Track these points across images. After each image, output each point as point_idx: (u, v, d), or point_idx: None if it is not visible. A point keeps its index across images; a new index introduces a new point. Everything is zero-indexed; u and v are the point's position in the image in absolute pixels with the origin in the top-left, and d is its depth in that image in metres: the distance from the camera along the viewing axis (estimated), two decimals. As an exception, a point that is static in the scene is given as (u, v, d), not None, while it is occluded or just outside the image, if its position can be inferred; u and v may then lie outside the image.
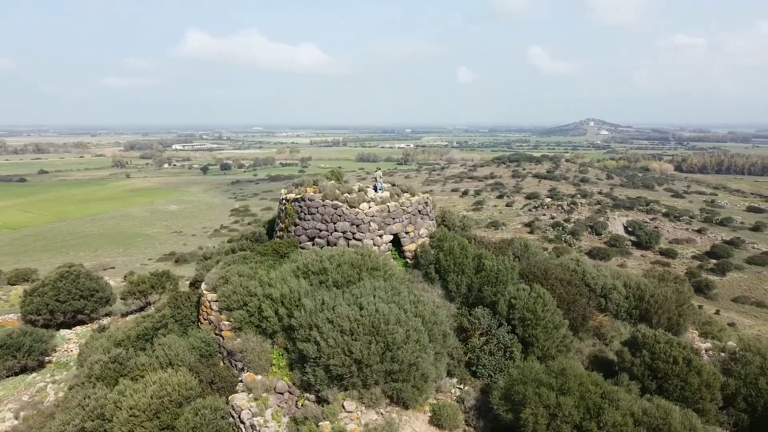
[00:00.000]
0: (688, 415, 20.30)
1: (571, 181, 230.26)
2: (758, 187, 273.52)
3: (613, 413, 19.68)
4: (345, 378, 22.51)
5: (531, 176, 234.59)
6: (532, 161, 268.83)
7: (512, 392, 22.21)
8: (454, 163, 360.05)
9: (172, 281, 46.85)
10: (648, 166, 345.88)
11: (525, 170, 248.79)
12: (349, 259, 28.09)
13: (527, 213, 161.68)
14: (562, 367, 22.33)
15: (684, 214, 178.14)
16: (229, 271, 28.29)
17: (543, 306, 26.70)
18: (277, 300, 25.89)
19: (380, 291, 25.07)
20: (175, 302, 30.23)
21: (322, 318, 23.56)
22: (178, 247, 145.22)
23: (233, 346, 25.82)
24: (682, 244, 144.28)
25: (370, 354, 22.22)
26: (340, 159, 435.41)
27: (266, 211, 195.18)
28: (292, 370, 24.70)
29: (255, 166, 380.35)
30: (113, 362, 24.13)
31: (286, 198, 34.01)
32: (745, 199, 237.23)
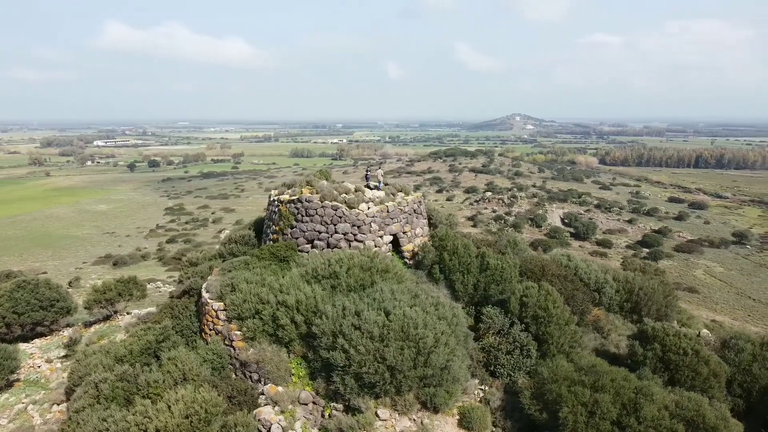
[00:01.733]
0: (718, 406, 21.07)
1: (506, 174, 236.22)
2: (676, 178, 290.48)
3: (650, 408, 20.15)
4: (377, 385, 21.95)
5: (467, 170, 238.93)
6: (467, 156, 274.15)
7: (544, 391, 22.35)
8: (389, 158, 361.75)
9: (139, 287, 44.31)
10: (574, 160, 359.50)
11: (461, 165, 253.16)
12: (359, 262, 27.40)
13: (469, 207, 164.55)
14: (591, 364, 22.69)
15: (614, 206, 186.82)
16: (234, 278, 26.93)
17: (553, 303, 27.04)
18: (292, 307, 24.88)
19: (399, 294, 24.60)
20: (171, 312, 28.48)
21: (347, 324, 22.83)
22: (113, 249, 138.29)
23: (247, 357, 24.62)
24: (616, 234, 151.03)
25: (404, 360, 21.75)
26: (273, 155, 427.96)
27: (203, 210, 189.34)
28: (313, 379, 23.85)
29: (185, 163, 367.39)
30: (121, 380, 22.39)
31: (279, 199, 32.80)
32: (665, 190, 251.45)
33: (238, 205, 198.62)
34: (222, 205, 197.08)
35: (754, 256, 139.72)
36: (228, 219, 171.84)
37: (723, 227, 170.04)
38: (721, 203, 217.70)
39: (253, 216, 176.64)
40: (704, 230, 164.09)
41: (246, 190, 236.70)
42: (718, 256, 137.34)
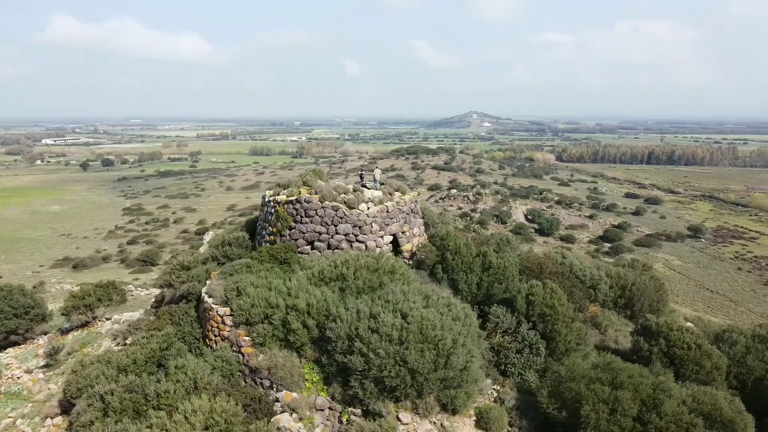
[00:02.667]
0: (732, 400, 21.59)
1: (467, 172, 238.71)
2: (630, 174, 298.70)
3: (671, 403, 20.47)
4: (398, 389, 21.63)
5: (430, 168, 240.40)
6: (429, 153, 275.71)
7: (562, 390, 22.46)
8: (350, 155, 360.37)
9: (118, 292, 42.75)
10: (532, 157, 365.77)
11: (424, 162, 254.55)
12: (365, 264, 27.00)
13: (434, 204, 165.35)
14: (607, 362, 22.93)
15: (574, 202, 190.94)
16: (239, 282, 26.11)
17: (559, 301, 27.25)
18: (303, 311, 24.29)
19: (411, 296, 24.32)
20: (171, 318, 27.39)
21: (364, 328, 22.43)
22: (71, 251, 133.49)
23: (258, 363, 23.92)
24: (578, 229, 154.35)
25: (424, 362, 21.50)
26: (232, 153, 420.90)
27: (163, 209, 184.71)
28: (328, 384, 23.36)
29: (141, 162, 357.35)
30: (129, 392, 21.36)
31: (276, 200, 32.03)
32: (621, 186, 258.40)
33: (200, 204, 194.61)
34: (183, 204, 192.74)
35: (708, 249, 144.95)
36: (190, 219, 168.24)
37: (678, 221, 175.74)
38: (674, 198, 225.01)
39: (217, 216, 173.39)
40: (661, 225, 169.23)
41: (207, 189, 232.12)
42: (676, 249, 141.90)
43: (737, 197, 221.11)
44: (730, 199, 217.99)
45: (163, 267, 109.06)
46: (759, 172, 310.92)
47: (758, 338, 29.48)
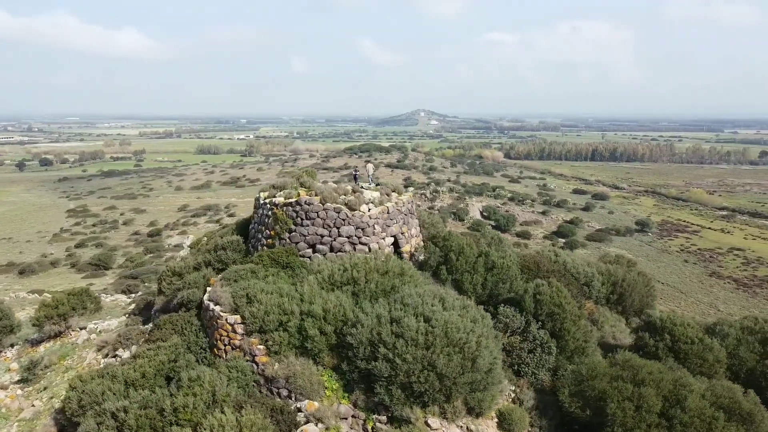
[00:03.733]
0: (747, 392, 22.27)
1: (421, 170, 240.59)
2: (576, 171, 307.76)
3: (695, 399, 20.94)
4: (426, 394, 21.28)
5: (383, 166, 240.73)
6: (382, 151, 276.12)
7: (584, 388, 22.64)
8: (300, 154, 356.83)
9: (93, 300, 40.67)
10: (481, 154, 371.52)
11: (377, 160, 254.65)
12: (374, 267, 26.51)
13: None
14: (626, 359, 23.26)
15: (526, 198, 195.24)
16: (248, 288, 25.10)
17: (565, 299, 27.51)
18: (319, 317, 23.58)
19: (428, 299, 24.01)
20: (173, 327, 26.02)
21: (387, 332, 21.96)
22: (14, 256, 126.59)
23: (274, 373, 23.05)
24: (532, 225, 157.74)
25: (452, 366, 21.23)
26: (178, 152, 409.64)
27: (110, 211, 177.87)
28: (349, 391, 22.77)
29: (82, 161, 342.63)
30: (144, 408, 20.13)
31: (273, 202, 31.03)
32: (568, 183, 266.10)
33: (149, 205, 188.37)
34: (131, 205, 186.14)
35: (656, 242, 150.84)
36: (140, 220, 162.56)
37: (625, 216, 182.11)
38: (619, 194, 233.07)
39: (169, 217, 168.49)
40: (609, 220, 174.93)
41: (155, 189, 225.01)
42: (625, 243, 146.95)
43: (678, 192, 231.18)
44: (671, 194, 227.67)
45: (119, 271, 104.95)
46: (695, 168, 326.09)
47: (747, 330, 30.60)
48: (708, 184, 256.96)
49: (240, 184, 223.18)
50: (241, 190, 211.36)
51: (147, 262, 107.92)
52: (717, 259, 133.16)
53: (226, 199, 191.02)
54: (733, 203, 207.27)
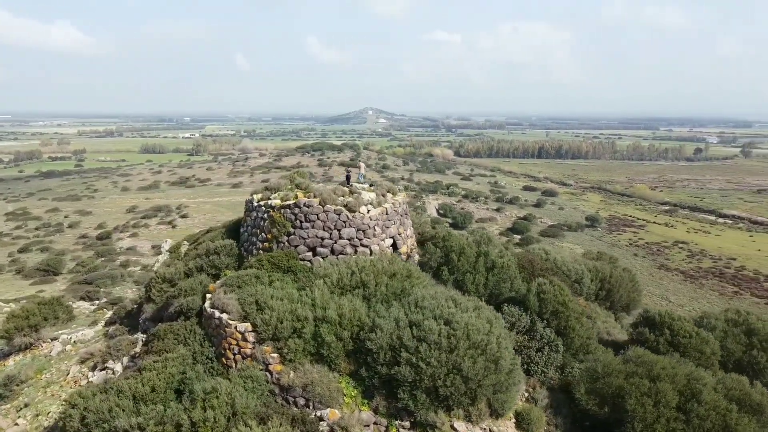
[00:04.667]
0: (754, 384, 23.05)
1: (374, 168, 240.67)
2: (524, 168, 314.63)
3: (709, 392, 21.52)
4: (451, 398, 21.05)
5: (337, 165, 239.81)
6: (334, 150, 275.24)
7: (601, 386, 22.91)
8: (250, 153, 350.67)
9: (65, 309, 38.57)
10: (431, 152, 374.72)
11: (330, 159, 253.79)
12: (382, 269, 26.07)
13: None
14: (638, 355, 23.67)
15: (480, 196, 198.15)
16: (258, 294, 24.16)
17: (568, 297, 27.84)
18: (334, 322, 22.97)
19: (442, 301, 23.79)
20: (176, 337, 24.73)
21: (408, 337, 21.61)
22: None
23: (291, 381, 22.30)
24: (487, 222, 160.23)
25: (478, 368, 21.08)
26: (121, 151, 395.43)
27: (53, 213, 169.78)
28: (368, 397, 22.28)
29: (17, 161, 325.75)
30: (160, 424, 18.98)
31: (269, 204, 30.10)
32: (518, 180, 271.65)
33: (95, 206, 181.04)
34: (75, 207, 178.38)
35: (606, 237, 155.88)
36: (87, 223, 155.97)
37: (575, 212, 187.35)
38: (567, 190, 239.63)
39: (117, 219, 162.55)
40: (560, 216, 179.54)
41: (100, 190, 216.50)
42: (577, 238, 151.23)
43: (622, 188, 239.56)
44: (616, 190, 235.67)
45: (70, 276, 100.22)
46: (636, 165, 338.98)
47: (731, 322, 31.82)
48: (649, 180, 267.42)
49: (190, 184, 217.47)
50: (191, 191, 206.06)
51: (100, 266, 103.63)
52: (664, 252, 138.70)
53: (177, 199, 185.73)
54: (674, 198, 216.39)
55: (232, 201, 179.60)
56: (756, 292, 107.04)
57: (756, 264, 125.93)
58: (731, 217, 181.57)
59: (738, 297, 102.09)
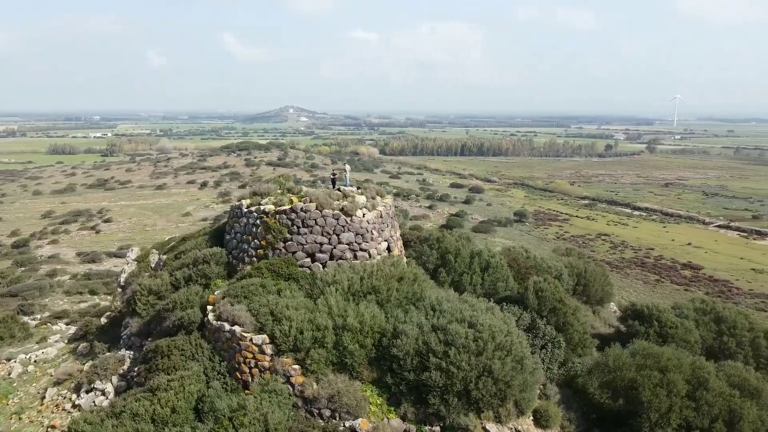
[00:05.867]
0: (749, 369, 24.67)
1: (303, 167, 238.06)
2: (449, 165, 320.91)
3: (717, 381, 22.84)
4: (482, 400, 21.16)
5: (265, 164, 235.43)
6: (261, 149, 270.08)
7: (613, 379, 23.76)
8: (169, 152, 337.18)
9: (21, 327, 35.68)
10: (357, 151, 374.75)
11: (257, 158, 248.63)
12: (389, 273, 25.82)
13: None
14: (643, 348, 24.73)
15: (411, 193, 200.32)
16: (272, 304, 23.20)
17: (563, 294, 28.71)
18: (355, 330, 22.51)
19: (459, 304, 23.89)
20: (182, 353, 23.20)
21: (435, 341, 21.53)
22: None
23: (315, 393, 21.62)
24: (422, 219, 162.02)
25: (506, 369, 21.32)
26: (26, 152, 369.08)
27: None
28: (394, 404, 22.00)
29: None
30: (191, 447, 17.82)
31: (262, 210, 29.02)
32: (444, 177, 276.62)
33: (4, 212, 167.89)
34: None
35: (534, 231, 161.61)
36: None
37: (502, 208, 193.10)
38: (492, 187, 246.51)
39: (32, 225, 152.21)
40: (489, 211, 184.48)
41: (8, 194, 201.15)
42: (508, 233, 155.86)
43: (544, 184, 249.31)
44: (538, 186, 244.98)
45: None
46: (553, 161, 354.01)
47: (700, 311, 33.93)
48: (567, 176, 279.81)
49: (109, 186, 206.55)
50: (112, 193, 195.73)
51: (23, 276, 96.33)
52: (589, 244, 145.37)
53: (97, 203, 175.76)
54: (591, 192, 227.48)
55: (157, 204, 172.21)
56: (675, 280, 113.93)
57: (672, 253, 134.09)
58: (645, 209, 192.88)
59: (660, 285, 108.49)
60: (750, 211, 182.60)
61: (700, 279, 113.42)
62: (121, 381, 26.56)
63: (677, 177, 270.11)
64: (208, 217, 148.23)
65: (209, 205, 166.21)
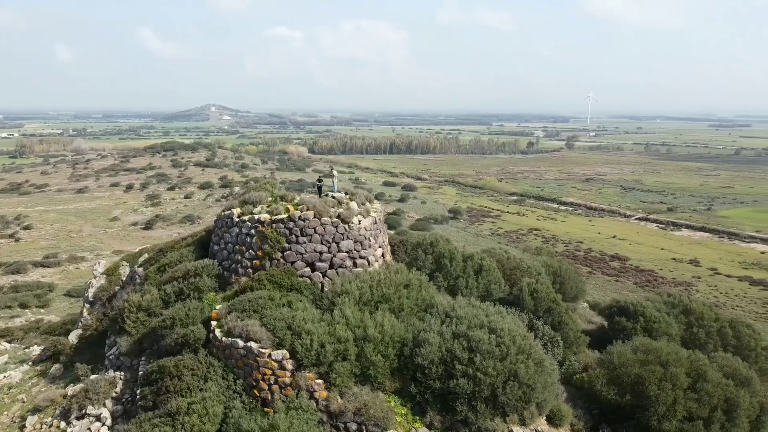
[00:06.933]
0: (736, 359, 26.35)
1: (233, 167, 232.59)
2: (379, 164, 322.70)
3: (714, 372, 24.26)
4: (508, 404, 21.47)
5: (192, 165, 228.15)
6: (188, 149, 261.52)
7: (619, 375, 24.72)
8: (86, 153, 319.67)
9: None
10: (285, 150, 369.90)
11: (184, 159, 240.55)
12: (397, 281, 25.67)
13: (218, 203, 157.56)
14: (642, 344, 25.88)
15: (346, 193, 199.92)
16: (288, 318, 22.43)
17: (555, 293, 29.59)
18: (377, 340, 22.22)
19: (473, 309, 24.12)
20: (194, 373, 21.84)
21: (459, 348, 21.65)
22: None
23: (341, 407, 21.14)
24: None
25: (530, 373, 21.74)
26: None
27: None
28: (419, 413, 21.90)
29: None
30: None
31: (257, 219, 28.04)
32: (376, 176, 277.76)
33: None
34: None
35: (469, 227, 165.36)
36: None
37: (436, 205, 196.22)
38: (424, 184, 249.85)
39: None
40: (424, 209, 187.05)
41: None
42: (445, 230, 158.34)
43: (473, 181, 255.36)
44: (468, 183, 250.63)
45: None
46: (479, 158, 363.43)
47: (669, 304, 35.91)
48: (494, 173, 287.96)
49: (24, 190, 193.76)
50: (28, 198, 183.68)
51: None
52: (522, 239, 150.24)
53: (12, 208, 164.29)
54: (519, 189, 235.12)
55: (81, 208, 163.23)
56: (605, 271, 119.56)
57: (600, 246, 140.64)
58: (570, 204, 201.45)
59: (592, 276, 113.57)
60: (665, 203, 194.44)
61: (627, 270, 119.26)
62: (117, 405, 24.96)
63: (596, 172, 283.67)
64: (139, 221, 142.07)
65: (138, 208, 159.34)
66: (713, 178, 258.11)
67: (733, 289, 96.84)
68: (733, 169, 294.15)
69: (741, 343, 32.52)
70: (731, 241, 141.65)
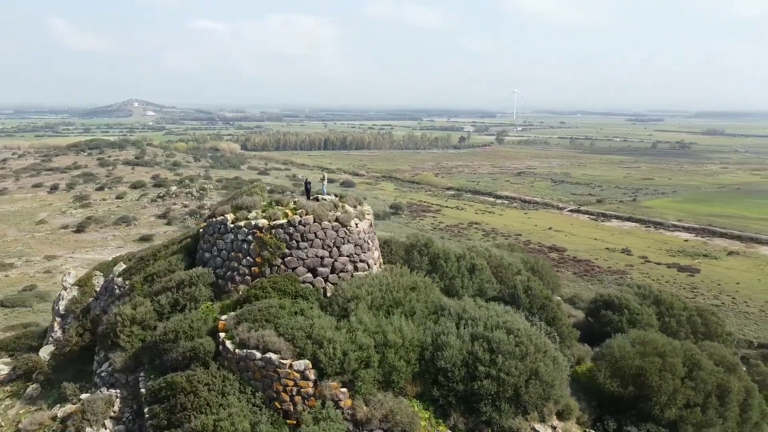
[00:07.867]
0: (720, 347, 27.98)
1: (164, 166, 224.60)
2: (315, 160, 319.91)
3: (707, 362, 25.67)
4: (529, 402, 21.90)
5: (121, 164, 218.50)
6: (115, 147, 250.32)
7: (621, 367, 25.71)
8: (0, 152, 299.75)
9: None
10: (217, 147, 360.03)
11: (111, 157, 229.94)
12: (402, 284, 25.58)
13: (154, 204, 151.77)
14: (640, 336, 27.00)
15: (286, 190, 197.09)
16: (307, 327, 21.81)
17: (547, 290, 30.44)
18: (397, 345, 22.07)
19: (484, 311, 24.42)
20: (210, 387, 20.78)
21: (481, 350, 21.87)
22: None
23: (367, 415, 20.84)
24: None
25: (550, 371, 22.24)
26: None
27: None
28: (442, 416, 21.98)
29: None
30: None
31: (255, 225, 27.14)
32: (312, 172, 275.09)
33: None
34: None
35: (411, 223, 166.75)
36: None
37: (377, 201, 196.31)
38: (362, 180, 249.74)
39: None
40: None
41: None
42: (387, 226, 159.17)
43: (410, 176, 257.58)
44: (405, 178, 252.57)
45: None
46: (413, 154, 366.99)
47: (641, 296, 37.70)
48: (429, 168, 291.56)
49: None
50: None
51: None
52: (463, 233, 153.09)
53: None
54: (455, 183, 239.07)
55: (1, 211, 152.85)
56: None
57: (537, 237, 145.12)
58: (505, 197, 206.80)
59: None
60: (593, 195, 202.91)
61: (566, 260, 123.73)
62: (118, 425, 23.56)
63: (527, 166, 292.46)
64: (69, 224, 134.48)
65: (66, 210, 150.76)
66: (635, 170, 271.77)
67: (663, 276, 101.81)
68: (652, 161, 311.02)
69: (709, 330, 34.62)
70: (657, 230, 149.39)
